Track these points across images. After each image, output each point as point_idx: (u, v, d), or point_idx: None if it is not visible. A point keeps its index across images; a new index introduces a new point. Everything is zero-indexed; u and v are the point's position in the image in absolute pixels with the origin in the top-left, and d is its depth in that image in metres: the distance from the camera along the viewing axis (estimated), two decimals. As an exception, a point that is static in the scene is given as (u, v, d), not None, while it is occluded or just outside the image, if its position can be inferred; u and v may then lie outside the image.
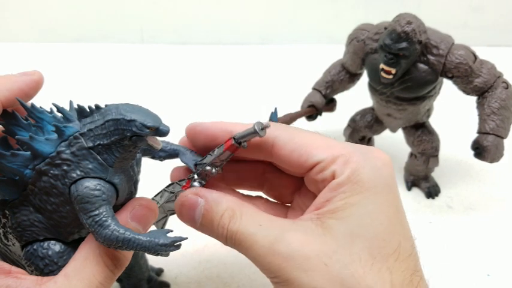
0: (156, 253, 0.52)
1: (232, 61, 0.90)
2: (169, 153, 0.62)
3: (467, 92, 0.79)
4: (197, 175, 0.57)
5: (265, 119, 0.85)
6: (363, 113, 0.92)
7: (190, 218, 0.53)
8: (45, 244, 0.58)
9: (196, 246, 0.79)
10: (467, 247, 0.80)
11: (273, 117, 0.85)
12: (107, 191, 0.53)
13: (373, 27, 0.81)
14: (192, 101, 1.19)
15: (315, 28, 1.53)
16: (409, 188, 0.92)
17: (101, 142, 0.53)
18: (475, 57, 0.76)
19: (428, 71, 0.76)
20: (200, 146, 0.58)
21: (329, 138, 0.53)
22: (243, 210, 0.51)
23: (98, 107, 0.54)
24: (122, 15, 1.52)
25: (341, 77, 0.90)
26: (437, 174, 0.92)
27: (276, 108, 0.86)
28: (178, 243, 0.51)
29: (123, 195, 0.56)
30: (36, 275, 0.57)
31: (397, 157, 0.98)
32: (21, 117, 0.55)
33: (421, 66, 0.76)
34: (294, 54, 1.47)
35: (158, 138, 0.54)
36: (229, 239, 0.50)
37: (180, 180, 0.59)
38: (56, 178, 0.53)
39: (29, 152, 0.54)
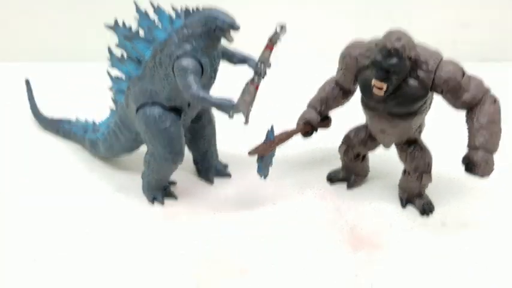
0: (222, 110, 0.78)
1: (227, 80, 0.95)
2: (240, 59, 0.89)
3: (456, 106, 0.81)
4: (255, 72, 0.83)
5: (262, 137, 0.88)
6: (356, 130, 0.94)
7: None
8: (152, 107, 0.84)
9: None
10: (462, 263, 0.80)
11: (270, 134, 0.88)
12: (196, 66, 0.78)
13: (365, 44, 0.84)
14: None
15: (308, 46, 1.58)
16: (403, 206, 0.93)
17: (196, 31, 0.78)
18: (463, 72, 0.78)
19: (418, 87, 0.78)
20: None
21: None
22: None
23: (197, 9, 0.79)
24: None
25: (335, 94, 0.92)
26: (430, 192, 0.93)
27: (272, 126, 0.89)
28: (236, 106, 0.78)
29: (205, 75, 0.81)
30: (142, 129, 0.86)
31: (391, 174, 1.00)
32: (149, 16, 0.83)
33: (412, 81, 0.78)
34: (287, 72, 1.48)
35: (233, 35, 0.80)
36: None
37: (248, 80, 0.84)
38: (166, 55, 0.79)
39: (152, 38, 0.81)
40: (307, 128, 0.93)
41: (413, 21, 1.47)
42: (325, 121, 0.96)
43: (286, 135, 0.91)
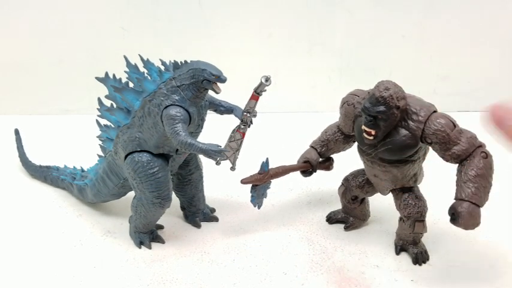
0: (208, 156, 0.81)
1: (217, 130, 0.99)
2: (227, 108, 0.92)
3: (446, 159, 0.81)
4: (241, 121, 0.88)
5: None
6: (356, 173, 0.97)
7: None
8: (140, 153, 0.87)
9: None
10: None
11: (264, 166, 0.92)
12: (184, 115, 0.81)
13: (363, 92, 0.88)
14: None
15: (294, 98, 1.61)
16: (397, 253, 0.94)
17: (184, 83, 0.81)
18: (455, 125, 0.80)
19: (408, 136, 0.81)
20: None
21: None
22: None
23: (185, 61, 0.83)
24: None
25: (336, 137, 0.96)
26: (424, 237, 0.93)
27: (267, 158, 0.93)
28: (222, 152, 0.81)
29: (193, 123, 0.84)
30: (130, 174, 0.89)
31: (390, 220, 1.00)
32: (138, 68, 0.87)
33: (402, 130, 0.81)
34: (274, 122, 1.50)
35: (220, 86, 0.83)
36: None
37: (234, 128, 0.89)
38: (155, 105, 0.82)
39: (141, 89, 0.85)
40: (306, 166, 0.97)
41: (393, 74, 1.51)
42: (326, 163, 1.00)
43: (283, 170, 0.95)
